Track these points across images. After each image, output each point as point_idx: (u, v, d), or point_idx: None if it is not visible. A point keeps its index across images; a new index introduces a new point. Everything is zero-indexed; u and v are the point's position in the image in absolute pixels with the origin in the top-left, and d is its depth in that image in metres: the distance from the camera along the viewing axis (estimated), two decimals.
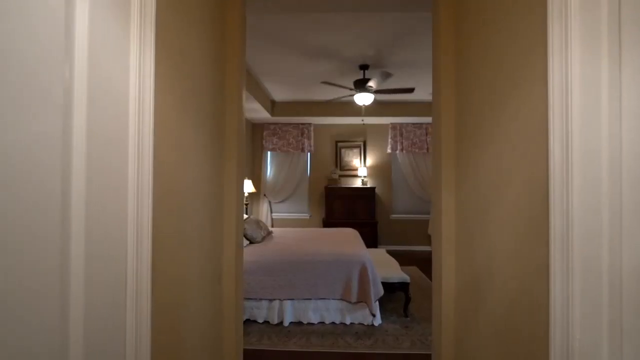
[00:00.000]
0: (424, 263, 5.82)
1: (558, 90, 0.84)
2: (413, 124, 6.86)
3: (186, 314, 1.40)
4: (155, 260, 1.04)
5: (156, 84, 0.96)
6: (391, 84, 4.83)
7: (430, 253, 6.65)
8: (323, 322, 3.45)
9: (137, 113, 0.85)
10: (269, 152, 7.12)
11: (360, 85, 4.19)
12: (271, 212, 7.11)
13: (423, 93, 5.57)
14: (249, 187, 6.10)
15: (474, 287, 1.54)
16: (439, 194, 1.83)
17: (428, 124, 6.84)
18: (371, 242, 6.19)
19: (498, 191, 1.28)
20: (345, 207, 6.58)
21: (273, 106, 6.26)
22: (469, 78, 1.61)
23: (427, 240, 7.03)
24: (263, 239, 4.33)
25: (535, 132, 1.01)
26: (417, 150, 6.86)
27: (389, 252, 5.17)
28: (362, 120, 6.48)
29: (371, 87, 4.10)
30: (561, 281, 0.82)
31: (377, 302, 3.43)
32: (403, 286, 3.65)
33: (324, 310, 3.45)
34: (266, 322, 3.44)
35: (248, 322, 3.41)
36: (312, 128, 6.97)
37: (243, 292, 2.28)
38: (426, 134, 6.87)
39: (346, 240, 4.32)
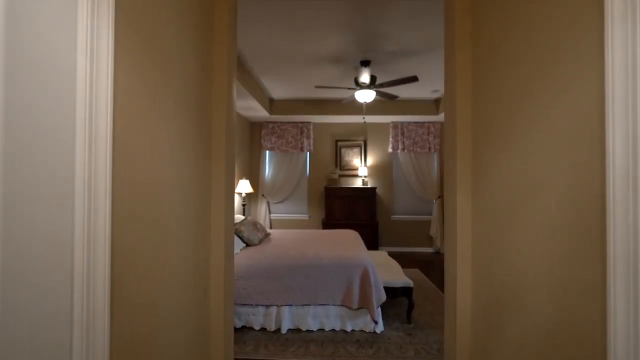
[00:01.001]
0: (425, 265, 5.68)
1: (620, 68, 0.65)
2: (415, 122, 6.69)
3: (162, 331, 1.23)
4: (117, 275, 0.86)
5: (116, 62, 0.78)
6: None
7: (431, 254, 6.52)
8: (323, 329, 3.29)
9: (87, 97, 0.67)
10: (267, 152, 6.95)
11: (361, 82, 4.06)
12: (269, 213, 6.94)
13: (425, 91, 5.40)
14: (246, 187, 5.93)
15: (496, 303, 1.36)
16: (453, 199, 1.66)
17: (430, 122, 6.67)
18: (372, 243, 6.03)
19: (527, 197, 1.10)
20: (345, 208, 6.41)
21: (271, 104, 6.10)
22: (491, 66, 1.42)
23: (429, 241, 6.88)
24: (260, 241, 4.16)
25: (582, 125, 0.83)
26: (418, 149, 6.69)
27: (390, 254, 5.01)
28: (364, 118, 6.31)
29: (364, 83, 3.97)
30: (626, 313, 0.64)
31: (379, 308, 3.26)
32: (406, 291, 3.47)
33: (324, 317, 3.29)
34: (263, 330, 3.27)
35: (244, 330, 3.25)
36: (311, 127, 6.79)
37: (234, 304, 2.10)
38: (428, 133, 6.69)
39: (346, 242, 4.15)
